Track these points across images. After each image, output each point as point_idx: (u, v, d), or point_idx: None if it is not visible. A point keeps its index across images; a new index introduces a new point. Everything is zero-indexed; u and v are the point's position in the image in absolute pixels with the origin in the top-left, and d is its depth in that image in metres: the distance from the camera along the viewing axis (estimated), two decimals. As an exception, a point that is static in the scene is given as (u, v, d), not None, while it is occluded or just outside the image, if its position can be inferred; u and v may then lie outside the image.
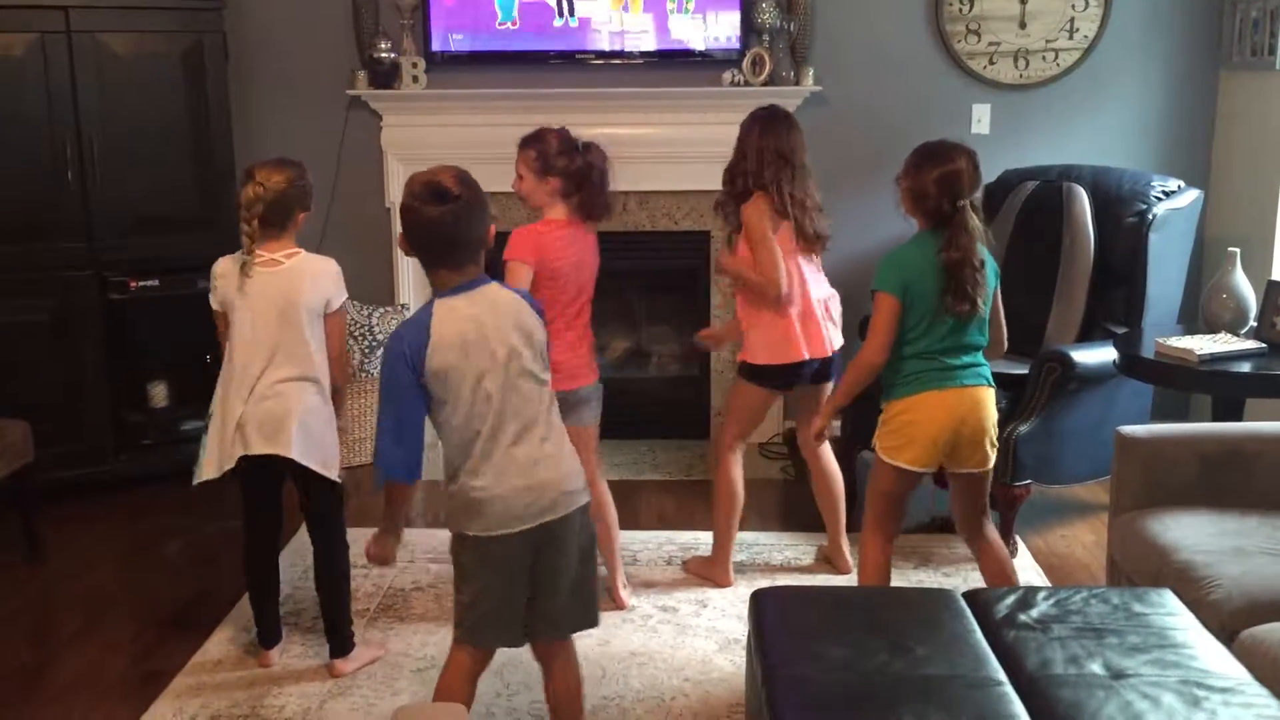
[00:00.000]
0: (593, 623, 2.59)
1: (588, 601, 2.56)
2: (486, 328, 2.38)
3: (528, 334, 2.42)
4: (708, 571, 3.74)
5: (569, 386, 3.18)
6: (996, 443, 3.06)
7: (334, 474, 3.07)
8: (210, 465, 3.04)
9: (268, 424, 2.99)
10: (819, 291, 3.55)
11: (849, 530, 3.84)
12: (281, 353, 3.00)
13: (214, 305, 3.07)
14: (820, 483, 3.76)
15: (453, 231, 2.37)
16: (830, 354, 3.54)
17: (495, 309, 2.40)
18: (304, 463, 3.00)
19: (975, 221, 2.88)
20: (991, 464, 3.04)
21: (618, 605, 3.51)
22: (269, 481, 3.12)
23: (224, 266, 3.05)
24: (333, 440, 3.09)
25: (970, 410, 2.95)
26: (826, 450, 3.72)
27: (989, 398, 2.99)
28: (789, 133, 3.46)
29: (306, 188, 3.07)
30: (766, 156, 3.42)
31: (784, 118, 3.51)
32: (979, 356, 2.99)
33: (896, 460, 2.98)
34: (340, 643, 3.20)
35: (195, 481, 3.07)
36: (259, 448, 2.99)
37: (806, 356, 3.49)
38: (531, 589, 2.47)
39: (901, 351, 2.96)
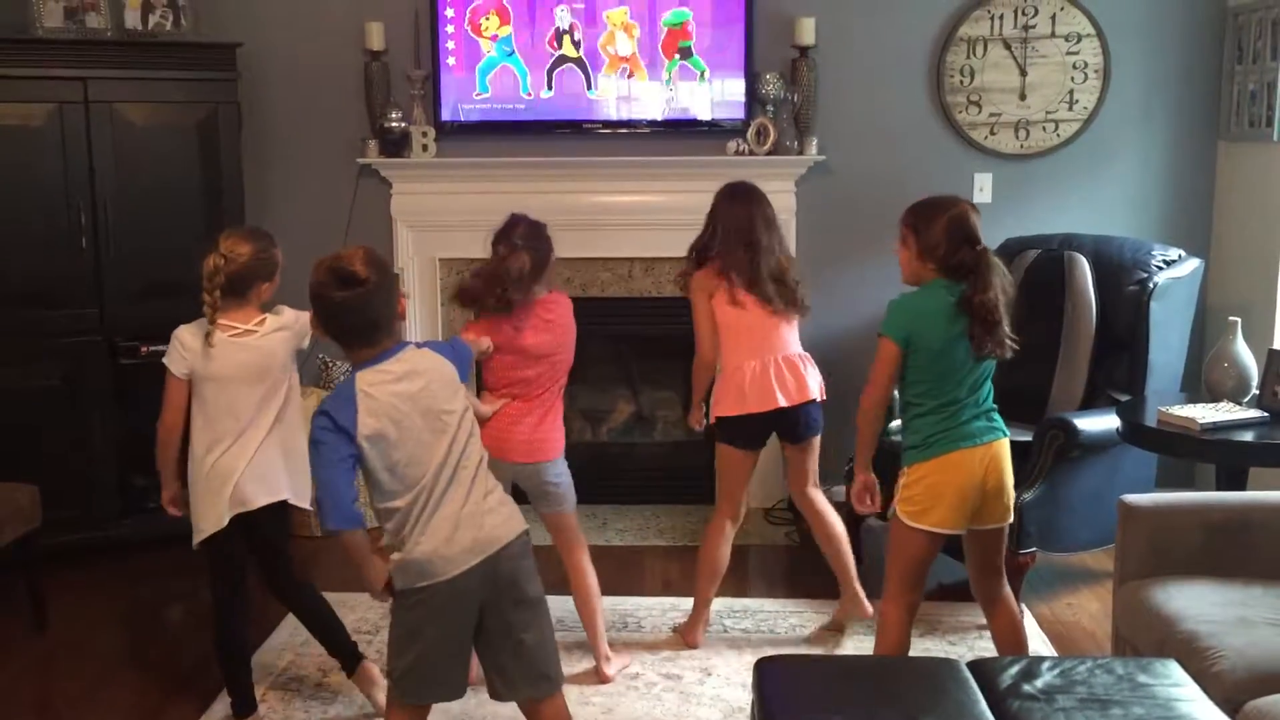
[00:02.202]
0: (544, 691, 2.58)
1: (539, 663, 2.56)
2: (416, 389, 2.44)
3: (455, 389, 2.50)
4: (682, 630, 3.77)
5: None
6: (1013, 493, 3.04)
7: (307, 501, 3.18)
8: (208, 521, 3.07)
9: (262, 478, 3.07)
10: (781, 349, 3.57)
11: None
12: (263, 409, 3.07)
13: (176, 372, 3.08)
14: (822, 535, 3.76)
15: (363, 314, 2.43)
16: (781, 406, 3.53)
17: (420, 370, 2.47)
18: (296, 503, 3.13)
19: (998, 263, 2.88)
20: (1011, 517, 3.04)
21: (600, 679, 3.49)
22: (241, 543, 3.16)
23: (189, 339, 3.06)
24: (306, 474, 3.14)
25: (991, 465, 2.94)
26: (822, 501, 3.73)
27: (1006, 449, 2.98)
28: (747, 206, 3.55)
29: (271, 260, 3.10)
30: (724, 234, 3.56)
31: (744, 193, 3.61)
32: (991, 404, 2.98)
33: (923, 524, 2.94)
34: (351, 657, 3.27)
35: (196, 542, 3.11)
36: (258, 502, 3.07)
37: (751, 410, 3.53)
38: (484, 645, 2.54)
39: (918, 409, 2.95)
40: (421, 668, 2.51)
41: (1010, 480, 3.00)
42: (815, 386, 3.61)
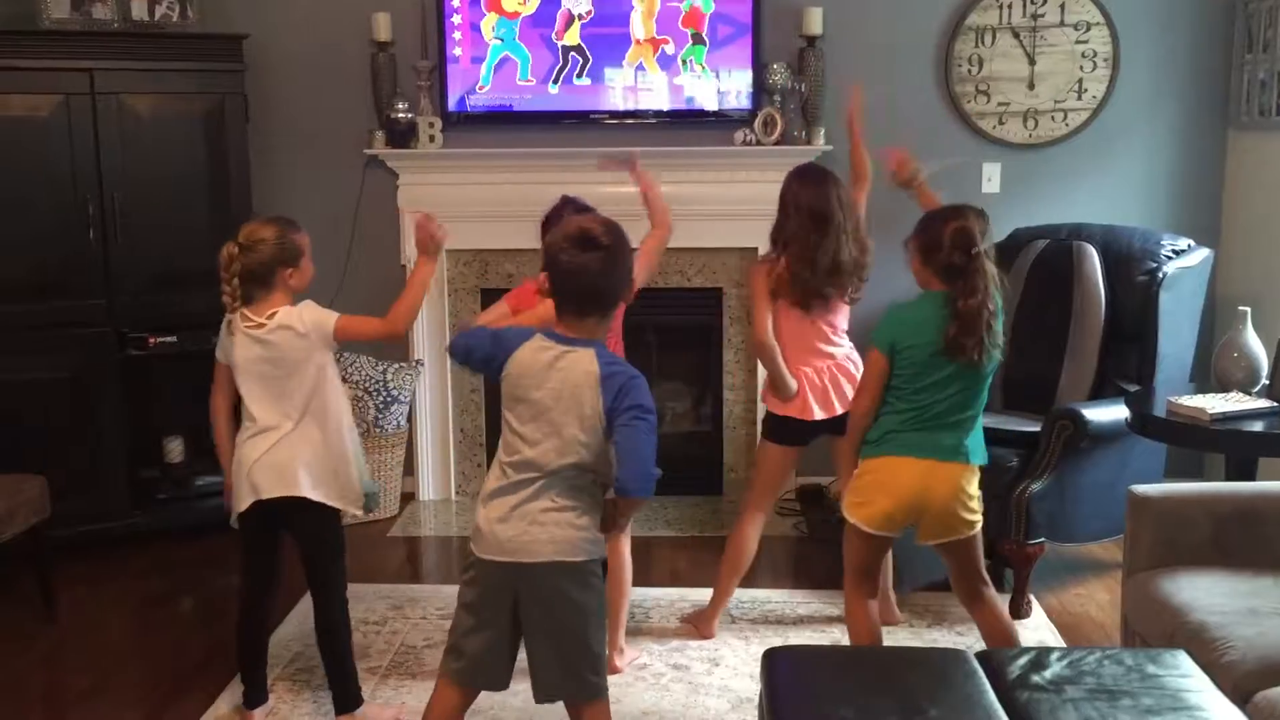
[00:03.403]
0: (574, 694, 2.56)
1: (570, 669, 2.53)
2: (550, 385, 2.44)
3: (581, 406, 2.43)
4: (696, 620, 3.76)
5: None
6: (975, 511, 2.99)
7: (353, 506, 3.10)
8: (235, 502, 3.10)
9: (275, 469, 3.02)
10: (832, 353, 3.57)
11: (895, 588, 3.85)
12: (283, 403, 3.03)
13: (218, 356, 3.11)
14: None
15: (592, 281, 2.45)
16: (840, 413, 3.53)
17: (567, 374, 2.44)
18: (315, 498, 3.02)
19: (991, 268, 2.88)
20: (970, 533, 2.99)
21: (609, 669, 3.48)
22: (271, 534, 3.14)
23: (225, 326, 3.07)
24: (346, 476, 3.09)
25: (939, 486, 2.92)
26: None
27: (966, 476, 2.94)
28: (819, 188, 3.49)
29: (290, 246, 3.03)
30: (800, 218, 3.46)
31: (814, 174, 3.57)
32: (968, 430, 2.95)
33: (855, 516, 2.99)
34: (343, 698, 3.19)
35: (234, 523, 3.14)
36: (269, 492, 3.02)
37: (816, 416, 3.53)
38: (525, 639, 2.55)
39: (886, 407, 2.97)
40: (459, 640, 2.55)
41: (966, 504, 2.95)
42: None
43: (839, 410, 3.52)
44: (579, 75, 4.76)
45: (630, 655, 3.55)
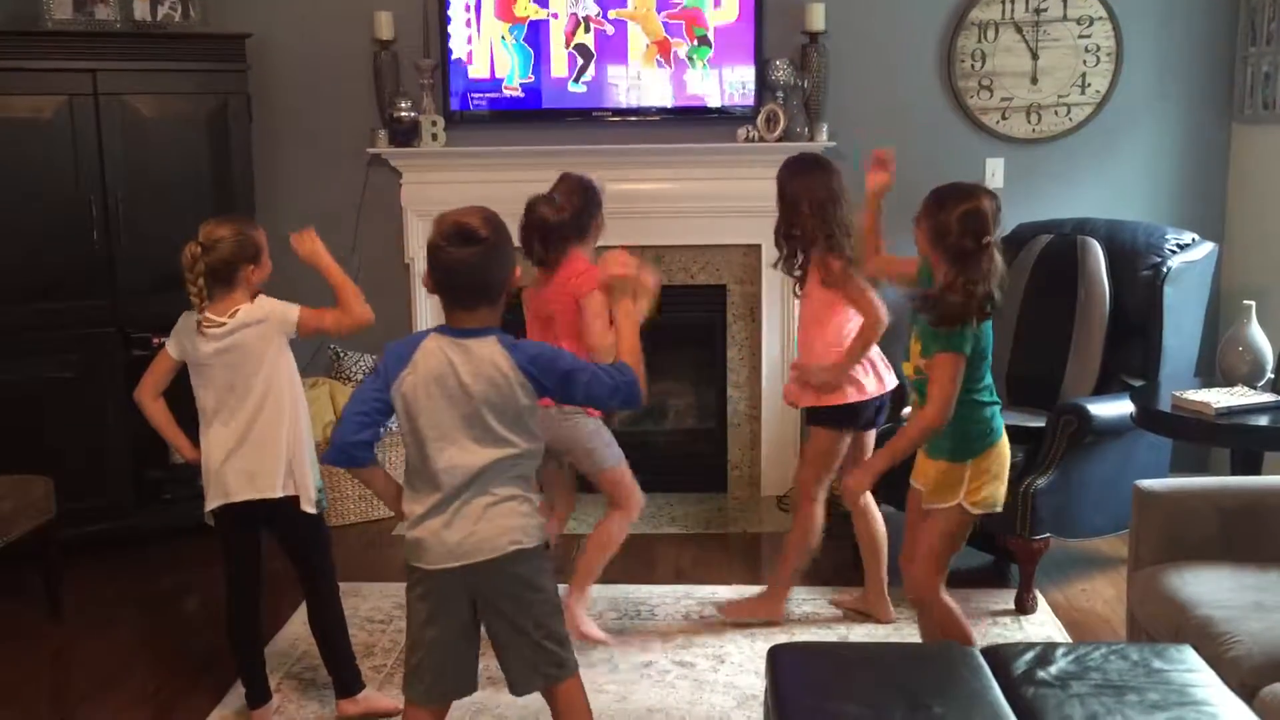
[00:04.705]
0: (552, 678, 2.55)
1: (542, 654, 2.51)
2: (460, 380, 2.39)
3: (500, 398, 2.40)
4: (760, 607, 3.78)
5: None
6: None
7: (306, 504, 3.08)
8: (208, 503, 3.10)
9: (244, 473, 3.03)
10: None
11: (858, 585, 3.85)
12: (248, 404, 3.03)
13: (170, 351, 3.09)
14: (865, 532, 3.76)
15: (474, 275, 2.40)
16: (888, 389, 3.58)
17: (477, 365, 2.40)
18: (287, 493, 3.03)
19: (999, 260, 2.85)
20: None
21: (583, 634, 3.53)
22: (249, 533, 3.15)
23: (183, 323, 3.07)
24: (301, 472, 3.08)
25: None
26: (869, 498, 3.72)
27: None
28: (825, 175, 3.51)
29: (249, 242, 3.04)
30: (822, 210, 3.46)
31: (815, 163, 3.59)
32: None
33: (996, 506, 2.97)
34: (344, 683, 3.22)
35: (208, 519, 3.15)
36: (241, 494, 3.03)
37: (877, 393, 3.56)
38: (491, 639, 2.54)
39: (982, 403, 2.93)
40: (421, 659, 2.52)
41: None
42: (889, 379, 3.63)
43: (890, 384, 3.57)
44: (580, 75, 4.76)
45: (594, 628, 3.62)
